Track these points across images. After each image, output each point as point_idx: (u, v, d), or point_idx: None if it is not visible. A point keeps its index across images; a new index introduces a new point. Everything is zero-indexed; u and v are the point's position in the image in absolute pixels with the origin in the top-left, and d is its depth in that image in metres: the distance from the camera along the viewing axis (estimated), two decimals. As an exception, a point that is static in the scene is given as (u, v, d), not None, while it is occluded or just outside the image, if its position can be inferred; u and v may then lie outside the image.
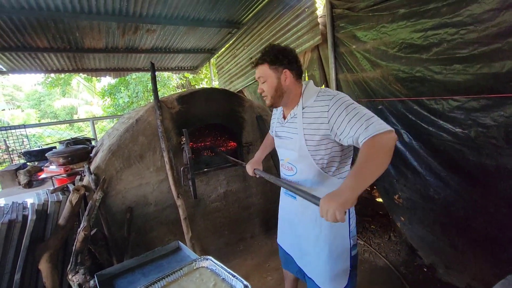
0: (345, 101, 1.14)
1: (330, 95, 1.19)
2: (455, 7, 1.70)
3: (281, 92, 1.28)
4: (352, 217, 1.31)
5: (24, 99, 18.97)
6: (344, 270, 1.28)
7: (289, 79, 1.26)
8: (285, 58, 1.25)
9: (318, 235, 1.29)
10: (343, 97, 1.17)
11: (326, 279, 1.28)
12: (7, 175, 3.27)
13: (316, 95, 1.24)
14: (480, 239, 1.78)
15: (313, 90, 1.26)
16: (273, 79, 1.27)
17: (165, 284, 0.93)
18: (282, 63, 1.25)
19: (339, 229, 1.26)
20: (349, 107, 1.10)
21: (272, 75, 1.26)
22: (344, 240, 1.26)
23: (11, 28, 3.44)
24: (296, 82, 1.28)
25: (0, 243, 1.92)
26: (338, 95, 1.18)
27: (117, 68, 5.86)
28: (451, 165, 1.88)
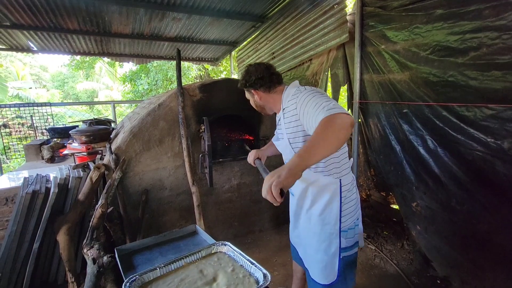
0: (308, 95, 1.14)
1: (298, 91, 1.24)
2: (499, 10, 1.61)
3: (261, 107, 1.50)
4: (345, 215, 1.31)
5: (49, 79, 19.74)
6: (332, 265, 1.31)
7: (259, 95, 1.43)
8: (249, 81, 1.41)
9: (309, 227, 1.37)
10: (308, 91, 1.18)
11: (316, 270, 1.36)
12: (32, 149, 3.42)
13: (291, 94, 1.29)
14: (502, 256, 1.70)
15: (291, 91, 1.31)
16: (251, 99, 1.51)
17: (183, 264, 0.94)
18: (250, 86, 1.43)
19: (326, 224, 1.30)
20: (311, 100, 1.10)
21: (249, 96, 1.51)
22: (331, 236, 1.29)
23: (46, 9, 3.56)
24: (270, 93, 1.41)
25: (23, 211, 2.01)
26: (305, 90, 1.21)
27: (140, 55, 5.97)
28: (479, 176, 1.79)
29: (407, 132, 2.35)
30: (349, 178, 1.34)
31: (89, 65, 11.75)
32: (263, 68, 1.41)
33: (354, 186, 1.39)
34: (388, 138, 2.57)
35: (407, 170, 2.39)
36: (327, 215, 1.29)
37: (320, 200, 1.29)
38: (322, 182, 1.27)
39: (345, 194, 1.30)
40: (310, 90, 1.18)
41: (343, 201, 1.28)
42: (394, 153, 2.51)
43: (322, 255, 1.32)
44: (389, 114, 2.55)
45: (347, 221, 1.32)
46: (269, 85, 1.40)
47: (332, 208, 1.27)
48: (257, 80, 1.39)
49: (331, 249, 1.29)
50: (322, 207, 1.28)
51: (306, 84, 3.76)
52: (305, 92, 1.17)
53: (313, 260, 1.37)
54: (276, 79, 1.41)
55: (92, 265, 1.71)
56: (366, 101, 2.84)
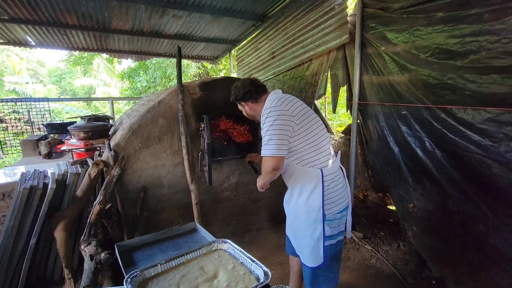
0: (266, 117, 1.40)
1: (265, 107, 1.47)
2: (499, 14, 1.63)
3: (251, 116, 1.71)
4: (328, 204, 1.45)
5: (46, 74, 19.54)
6: (317, 250, 1.46)
7: (249, 106, 1.64)
8: (239, 95, 1.63)
9: (298, 214, 1.53)
10: (269, 112, 1.40)
11: (305, 255, 1.52)
12: (29, 144, 3.39)
13: (267, 104, 1.50)
14: (498, 258, 1.72)
15: (268, 101, 1.51)
16: (242, 110, 1.72)
17: (184, 261, 0.94)
18: (240, 100, 1.64)
19: (311, 212, 1.45)
20: (265, 125, 1.40)
21: (241, 107, 1.72)
22: (316, 222, 1.44)
23: (45, 3, 3.53)
24: (257, 103, 1.61)
25: (20, 207, 2.00)
26: (267, 109, 1.43)
27: (139, 52, 5.94)
28: (475, 178, 1.81)
29: (405, 133, 2.36)
30: (332, 169, 1.48)
31: (87, 61, 11.67)
32: (249, 82, 1.62)
33: (341, 177, 1.54)
34: (387, 139, 2.58)
35: (404, 171, 2.41)
36: (311, 202, 1.44)
37: (306, 189, 1.46)
38: (305, 173, 1.45)
39: (328, 183, 1.45)
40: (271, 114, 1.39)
41: (325, 190, 1.43)
42: (392, 154, 2.53)
43: (309, 240, 1.47)
44: (388, 115, 2.57)
45: (331, 209, 1.46)
46: (255, 96, 1.60)
47: (315, 196, 1.43)
48: (246, 93, 1.60)
49: (316, 234, 1.44)
50: (307, 195, 1.45)
51: (306, 84, 3.79)
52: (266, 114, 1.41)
53: (302, 245, 1.53)
54: (261, 90, 1.62)
55: (89, 262, 1.71)
56: (365, 102, 2.85)
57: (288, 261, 1.96)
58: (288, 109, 1.40)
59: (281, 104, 1.41)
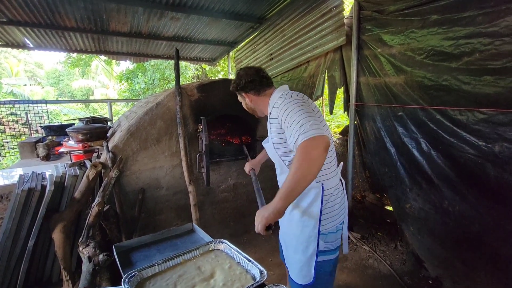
0: (288, 107, 1.18)
1: (281, 101, 1.25)
2: (492, 17, 1.66)
3: (252, 109, 1.54)
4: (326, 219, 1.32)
5: (44, 76, 19.51)
6: (308, 267, 1.32)
7: (250, 98, 1.46)
8: (240, 84, 1.45)
9: (290, 228, 1.40)
10: (289, 102, 1.20)
11: (294, 270, 1.38)
12: (27, 146, 3.39)
13: (276, 99, 1.31)
14: (493, 257, 1.74)
15: (276, 96, 1.34)
16: (242, 101, 1.56)
17: (181, 261, 0.95)
18: (241, 89, 1.46)
19: (305, 227, 1.32)
20: (290, 114, 1.14)
21: (241, 99, 1.55)
22: (310, 239, 1.30)
23: (43, 6, 3.53)
24: (260, 95, 1.43)
25: (18, 209, 2.00)
26: (285, 100, 1.22)
27: (138, 53, 5.94)
28: (471, 178, 1.84)
29: (401, 134, 2.39)
30: (333, 183, 1.34)
31: (85, 63, 11.65)
32: (253, 72, 1.44)
33: (340, 191, 1.39)
34: (383, 140, 2.61)
35: (401, 172, 2.43)
36: (307, 218, 1.30)
37: (302, 203, 1.31)
38: None
39: (328, 198, 1.31)
40: (291, 101, 1.19)
41: (324, 205, 1.28)
42: (389, 155, 2.55)
43: (300, 255, 1.34)
44: (384, 116, 2.59)
45: (328, 225, 1.33)
46: (258, 88, 1.43)
47: (313, 211, 1.28)
48: (248, 83, 1.42)
49: (309, 251, 1.31)
50: (303, 210, 1.30)
51: (303, 86, 3.81)
52: (286, 103, 1.20)
53: (292, 260, 1.41)
54: (266, 82, 1.43)
55: (87, 263, 1.71)
56: (362, 103, 2.88)
57: None
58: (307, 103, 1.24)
59: (302, 98, 1.26)
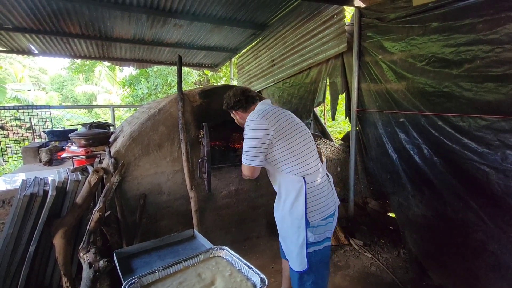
0: (247, 129, 1.50)
1: (249, 117, 1.54)
2: (492, 24, 1.67)
3: (241, 124, 1.73)
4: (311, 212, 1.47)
5: (48, 82, 19.74)
6: (301, 255, 1.48)
7: (239, 115, 1.72)
8: (229, 104, 1.70)
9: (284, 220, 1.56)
10: (249, 124, 1.50)
11: (292, 259, 1.55)
12: (30, 151, 3.41)
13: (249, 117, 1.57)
14: (497, 265, 1.72)
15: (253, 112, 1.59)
16: (234, 118, 1.80)
17: (182, 268, 0.95)
18: (231, 108, 1.72)
19: (295, 219, 1.48)
20: (246, 136, 1.50)
21: (232, 116, 1.80)
22: (299, 229, 1.47)
23: (49, 13, 3.60)
24: (246, 112, 1.68)
25: (20, 214, 2.00)
26: (248, 121, 1.52)
27: (141, 60, 6.02)
28: (473, 185, 1.82)
29: (403, 140, 2.38)
30: (315, 177, 1.51)
31: (89, 68, 11.79)
32: (240, 93, 1.69)
33: (326, 185, 1.56)
34: (385, 146, 2.60)
35: (403, 178, 2.42)
36: (294, 209, 1.48)
37: (290, 196, 1.50)
38: (289, 181, 1.49)
39: (312, 190, 1.47)
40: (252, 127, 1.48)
41: (308, 198, 1.45)
42: (391, 162, 2.54)
43: (294, 245, 1.51)
44: (386, 122, 2.59)
45: (315, 217, 1.47)
46: (245, 106, 1.67)
47: (299, 203, 1.46)
48: (236, 103, 1.67)
49: (300, 240, 1.47)
50: (291, 202, 1.49)
51: (305, 92, 3.83)
52: (249, 126, 1.50)
53: (289, 250, 1.57)
54: (251, 100, 1.68)
55: (88, 269, 1.70)
56: (363, 109, 2.88)
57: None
58: (267, 123, 1.48)
59: (261, 118, 1.49)
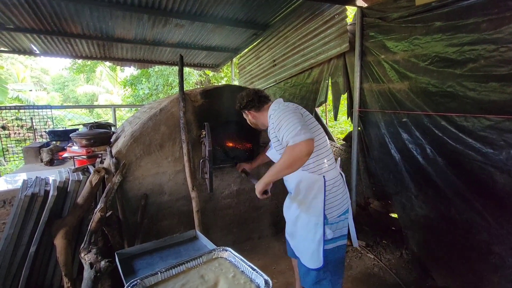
0: (279, 115, 1.42)
1: (275, 108, 1.51)
2: (496, 23, 1.65)
3: (254, 123, 1.82)
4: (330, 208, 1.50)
5: (49, 82, 19.79)
6: (318, 252, 1.50)
7: (252, 115, 1.75)
8: (242, 104, 1.73)
9: (299, 218, 1.59)
10: (281, 110, 1.45)
11: (306, 257, 1.56)
12: (31, 151, 3.41)
13: (270, 112, 1.57)
14: (502, 266, 1.70)
15: (271, 108, 1.58)
16: (246, 118, 1.84)
17: (184, 269, 0.94)
18: (244, 108, 1.75)
19: (312, 216, 1.51)
20: (282, 121, 1.40)
21: (245, 116, 1.84)
22: (317, 226, 1.50)
23: (50, 13, 3.60)
24: (259, 111, 1.71)
25: (21, 214, 1.99)
26: (278, 109, 1.47)
27: (142, 60, 6.01)
28: (478, 185, 1.81)
29: (406, 141, 2.37)
30: (333, 174, 1.54)
31: (90, 68, 11.80)
32: (252, 93, 1.72)
33: (341, 183, 1.58)
34: (388, 146, 2.59)
35: (406, 178, 2.40)
36: (313, 207, 1.50)
37: (308, 194, 1.51)
38: (309, 179, 1.50)
39: (330, 188, 1.50)
40: (282, 109, 1.44)
41: (327, 195, 1.48)
42: (394, 162, 2.53)
43: (309, 243, 1.52)
44: (388, 123, 2.57)
45: (333, 213, 1.51)
46: (258, 106, 1.70)
47: (317, 201, 1.48)
48: (248, 103, 1.70)
49: (316, 237, 1.49)
50: (309, 200, 1.51)
51: (307, 92, 3.81)
52: (278, 112, 1.45)
53: (303, 247, 1.59)
54: (263, 99, 1.71)
55: (89, 270, 1.69)
56: (365, 109, 2.86)
57: (290, 270, 2.03)
58: (297, 110, 1.48)
59: (290, 105, 1.51)
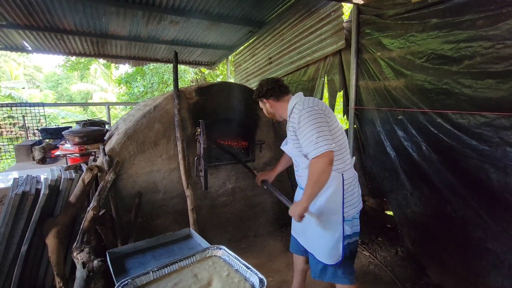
0: (304, 118, 1.42)
1: (299, 108, 1.49)
2: (492, 20, 1.65)
3: (272, 114, 1.77)
4: (348, 206, 1.53)
5: (43, 80, 19.50)
6: (337, 248, 1.53)
7: (270, 104, 1.71)
8: (261, 92, 1.69)
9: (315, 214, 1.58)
10: (306, 112, 1.43)
11: (323, 253, 1.58)
12: (23, 149, 3.35)
13: (293, 106, 1.55)
14: (497, 263, 1.71)
15: (292, 102, 1.58)
16: (263, 107, 1.79)
17: (177, 268, 0.92)
18: (262, 96, 1.71)
19: (331, 214, 1.53)
20: (307, 124, 1.40)
21: (262, 105, 1.79)
22: (336, 224, 1.52)
23: (42, 9, 3.52)
24: (279, 101, 1.68)
25: (12, 213, 1.95)
26: (304, 109, 1.45)
27: (137, 57, 5.94)
28: (473, 183, 1.81)
29: (402, 138, 2.37)
30: (351, 173, 1.56)
31: (84, 66, 11.64)
32: (273, 81, 1.70)
33: (356, 181, 1.60)
34: (383, 144, 2.58)
35: (402, 176, 2.40)
36: (331, 205, 1.51)
37: (326, 192, 1.50)
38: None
39: (347, 187, 1.51)
40: (307, 111, 1.42)
41: (345, 193, 1.49)
42: (389, 160, 2.53)
43: (327, 239, 1.54)
44: (384, 120, 2.57)
45: (350, 211, 1.54)
46: (277, 95, 1.66)
47: (336, 199, 1.49)
48: (268, 91, 1.67)
49: (336, 234, 1.51)
50: (327, 198, 1.50)
51: (302, 90, 3.80)
52: (303, 113, 1.43)
53: (318, 244, 1.59)
54: (284, 89, 1.67)
55: (81, 269, 1.66)
56: (361, 107, 2.86)
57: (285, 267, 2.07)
58: (323, 110, 1.48)
59: (316, 104, 1.48)
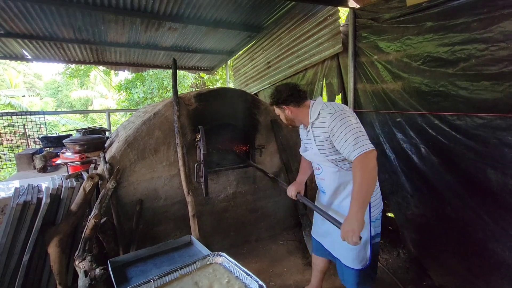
0: (340, 120, 1.38)
1: (329, 112, 1.46)
2: (486, 23, 1.67)
3: (291, 120, 1.70)
4: (373, 207, 1.53)
5: (43, 87, 19.59)
6: (364, 252, 1.52)
7: (290, 110, 1.64)
8: (280, 98, 1.62)
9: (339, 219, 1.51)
10: (340, 114, 1.41)
11: (349, 258, 1.56)
12: (24, 158, 3.36)
13: (318, 111, 1.52)
14: (498, 264, 1.71)
15: (317, 107, 1.55)
16: (281, 114, 1.71)
17: (178, 276, 0.92)
18: (282, 103, 1.63)
19: None
20: (343, 127, 1.36)
21: (280, 112, 1.71)
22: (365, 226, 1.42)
23: (41, 18, 3.56)
24: (299, 107, 1.62)
25: (13, 223, 1.96)
26: (336, 113, 1.43)
27: (136, 63, 5.99)
28: (472, 184, 1.81)
29: (401, 140, 2.38)
30: None
31: (84, 73, 11.71)
32: (291, 86, 1.64)
33: (378, 183, 1.58)
34: (383, 146, 2.59)
35: (402, 178, 2.41)
36: None
37: None
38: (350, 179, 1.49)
39: None
40: (341, 114, 1.39)
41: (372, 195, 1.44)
42: (389, 162, 2.53)
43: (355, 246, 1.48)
44: (383, 122, 2.59)
45: (375, 212, 1.55)
46: (298, 101, 1.61)
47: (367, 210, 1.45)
48: (288, 97, 1.61)
49: (364, 237, 1.45)
50: None
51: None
52: (336, 116, 1.40)
53: (345, 249, 1.56)
54: (303, 95, 1.64)
55: (83, 278, 1.66)
56: (360, 110, 2.87)
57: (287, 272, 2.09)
58: (353, 113, 1.47)
59: (344, 107, 1.47)
